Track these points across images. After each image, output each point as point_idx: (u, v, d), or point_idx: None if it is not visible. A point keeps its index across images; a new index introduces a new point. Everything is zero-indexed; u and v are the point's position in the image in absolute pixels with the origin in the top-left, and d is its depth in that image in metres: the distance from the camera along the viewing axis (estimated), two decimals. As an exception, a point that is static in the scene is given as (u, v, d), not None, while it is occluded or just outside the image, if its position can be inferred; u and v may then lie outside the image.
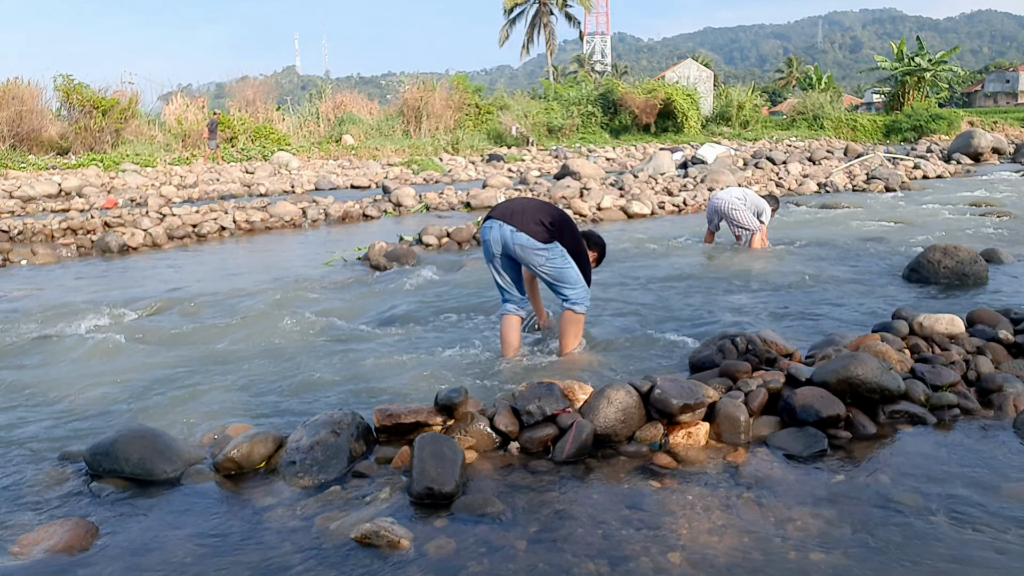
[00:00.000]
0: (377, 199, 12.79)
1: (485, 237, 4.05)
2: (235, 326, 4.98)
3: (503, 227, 3.94)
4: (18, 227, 9.73)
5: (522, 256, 3.97)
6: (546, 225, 3.92)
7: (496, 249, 4.00)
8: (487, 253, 4.10)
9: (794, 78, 75.25)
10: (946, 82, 47.41)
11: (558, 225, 3.97)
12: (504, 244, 3.96)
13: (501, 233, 3.95)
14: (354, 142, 28.77)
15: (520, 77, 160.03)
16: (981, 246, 7.04)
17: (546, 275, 4.02)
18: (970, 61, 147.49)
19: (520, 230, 3.91)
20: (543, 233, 3.90)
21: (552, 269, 3.97)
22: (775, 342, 3.70)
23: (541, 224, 3.91)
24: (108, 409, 3.55)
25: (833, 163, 18.94)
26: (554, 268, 3.96)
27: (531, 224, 3.91)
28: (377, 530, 2.19)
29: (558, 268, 3.97)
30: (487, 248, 4.07)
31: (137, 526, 2.38)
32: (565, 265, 3.98)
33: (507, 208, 4.03)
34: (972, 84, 73.53)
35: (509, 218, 3.95)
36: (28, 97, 23.41)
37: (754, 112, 39.10)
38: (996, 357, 3.59)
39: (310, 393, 3.73)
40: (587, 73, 51.89)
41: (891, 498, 2.43)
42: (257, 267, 7.85)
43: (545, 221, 3.93)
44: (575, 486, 2.57)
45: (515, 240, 3.91)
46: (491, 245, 4.02)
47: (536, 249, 3.90)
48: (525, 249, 3.92)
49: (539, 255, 3.92)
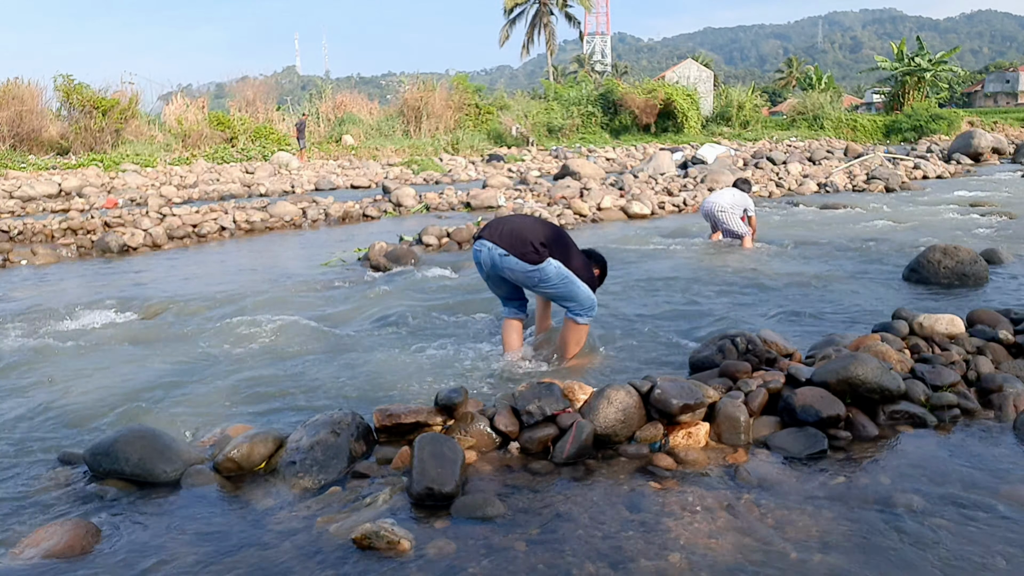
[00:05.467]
0: (377, 199, 12.79)
1: (476, 259, 4.01)
2: (235, 326, 4.98)
3: (492, 250, 3.88)
4: (18, 227, 9.73)
5: (513, 278, 3.93)
6: (536, 246, 3.81)
7: (487, 270, 3.98)
8: (480, 271, 4.08)
9: (794, 78, 75.25)
10: (946, 82, 47.43)
11: (551, 244, 3.88)
12: (493, 265, 3.91)
13: (490, 256, 3.89)
14: (354, 142, 28.78)
15: (520, 77, 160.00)
16: (981, 246, 7.04)
17: (545, 293, 3.98)
18: (970, 61, 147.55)
19: (510, 253, 3.83)
20: (532, 255, 3.80)
21: (548, 288, 3.90)
22: (775, 342, 3.70)
23: (531, 245, 3.81)
24: (108, 409, 3.55)
25: (833, 163, 18.96)
26: (549, 287, 3.89)
27: (520, 246, 3.81)
28: (377, 531, 2.19)
29: (554, 286, 3.89)
30: (479, 267, 4.04)
31: (137, 526, 2.38)
32: (562, 281, 3.88)
33: (497, 228, 3.93)
34: (972, 84, 73.53)
35: (498, 239, 3.86)
36: (28, 97, 23.46)
37: (754, 112, 39.12)
38: (996, 357, 3.59)
39: (310, 393, 3.73)
40: (587, 73, 51.85)
41: (891, 499, 2.43)
42: (257, 267, 7.84)
43: (536, 241, 3.82)
44: (575, 487, 2.57)
45: (504, 264, 3.86)
46: (482, 266, 4.00)
47: (526, 271, 3.83)
48: (515, 272, 3.87)
49: (531, 277, 3.85)
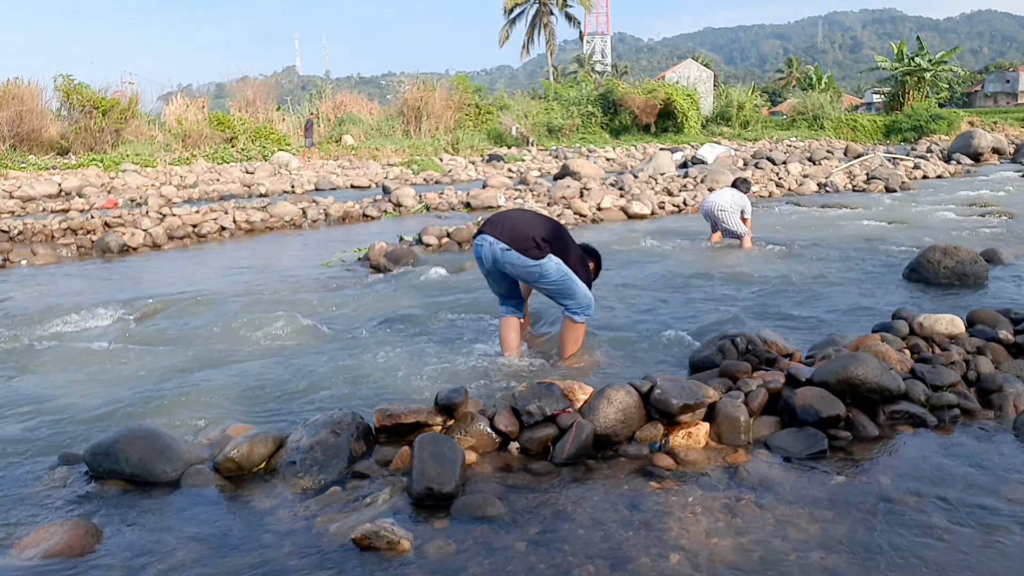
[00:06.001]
0: (377, 199, 12.78)
1: (477, 254, 4.02)
2: (235, 327, 4.98)
3: (494, 245, 3.88)
4: (18, 227, 9.73)
5: (514, 273, 3.94)
6: (537, 241, 3.84)
7: (488, 265, 3.99)
8: (480, 267, 4.08)
9: (794, 78, 75.24)
10: (946, 82, 47.43)
11: (552, 239, 3.91)
12: (495, 260, 3.92)
13: (492, 251, 3.90)
14: (354, 142, 28.79)
15: (520, 77, 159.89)
16: (981, 246, 7.04)
17: (544, 290, 3.99)
18: (970, 61, 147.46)
19: (511, 248, 3.84)
20: (534, 250, 3.83)
21: (548, 284, 3.92)
22: (775, 342, 3.70)
23: (532, 240, 3.83)
24: (108, 409, 3.55)
25: (833, 163, 18.95)
26: (549, 283, 3.91)
27: (522, 241, 3.83)
28: (377, 531, 2.19)
29: (553, 283, 3.90)
30: (479, 263, 4.05)
31: (137, 526, 2.38)
32: (561, 278, 3.90)
33: (499, 223, 3.95)
34: (972, 84, 73.50)
35: (500, 234, 3.87)
36: (28, 97, 23.43)
37: (754, 112, 39.14)
38: (996, 357, 3.59)
39: (310, 393, 3.73)
40: (587, 73, 51.87)
41: (891, 499, 2.43)
42: (257, 267, 7.84)
43: (537, 237, 3.85)
44: (575, 487, 2.57)
45: (506, 259, 3.87)
46: (483, 261, 4.00)
47: (527, 267, 3.85)
48: (516, 267, 3.88)
49: (531, 272, 3.87)
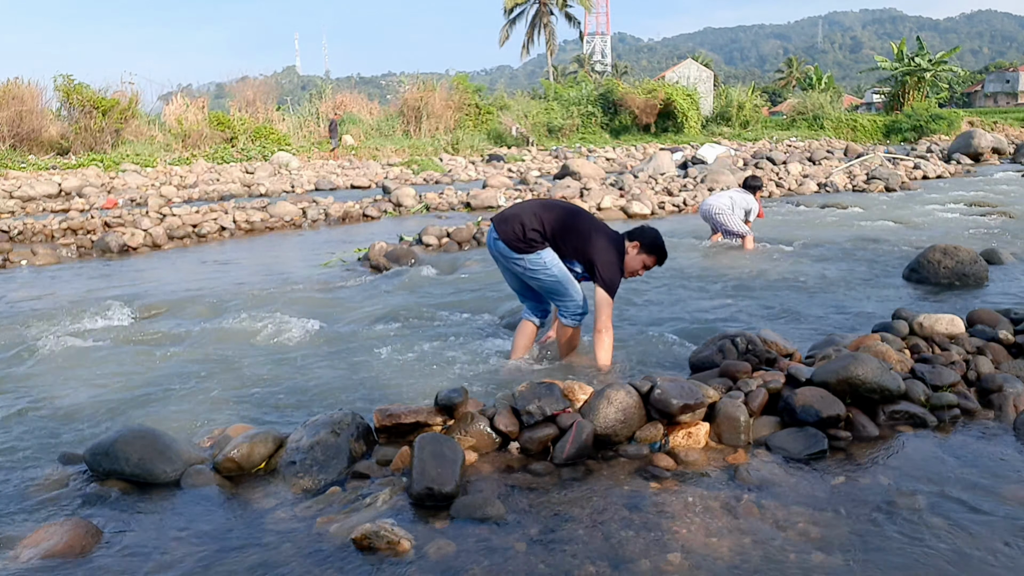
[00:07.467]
0: (377, 199, 12.78)
1: (487, 246, 3.98)
2: (234, 327, 4.98)
3: (490, 234, 3.84)
4: (18, 227, 9.74)
5: (507, 265, 3.86)
6: (525, 233, 3.67)
7: (494, 256, 3.94)
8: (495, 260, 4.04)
9: (794, 78, 75.24)
10: (946, 82, 47.45)
11: (559, 231, 3.73)
12: (492, 250, 3.88)
13: (489, 241, 3.86)
14: (354, 142, 28.78)
15: (520, 77, 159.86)
16: (981, 246, 7.04)
17: (535, 286, 3.87)
18: (970, 61, 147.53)
19: (500, 238, 3.73)
20: (518, 243, 3.68)
21: (534, 280, 3.79)
22: (775, 342, 3.70)
23: (519, 232, 3.67)
24: (108, 409, 3.55)
25: (833, 163, 18.94)
26: (535, 279, 3.77)
27: (509, 232, 3.70)
28: (377, 531, 2.19)
29: (539, 280, 3.77)
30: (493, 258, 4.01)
31: (137, 526, 2.38)
32: (548, 276, 3.74)
33: (503, 212, 3.86)
34: (972, 84, 73.53)
35: (497, 223, 3.79)
36: (28, 97, 23.42)
37: (754, 112, 39.11)
38: (996, 357, 3.59)
39: (310, 393, 3.73)
40: (587, 73, 51.88)
41: (891, 499, 2.43)
42: (257, 267, 7.84)
43: (529, 227, 3.67)
44: (575, 487, 2.57)
45: (497, 248, 3.80)
46: (491, 254, 3.96)
47: (512, 259, 3.74)
48: (507, 259, 3.78)
49: (517, 264, 3.74)
